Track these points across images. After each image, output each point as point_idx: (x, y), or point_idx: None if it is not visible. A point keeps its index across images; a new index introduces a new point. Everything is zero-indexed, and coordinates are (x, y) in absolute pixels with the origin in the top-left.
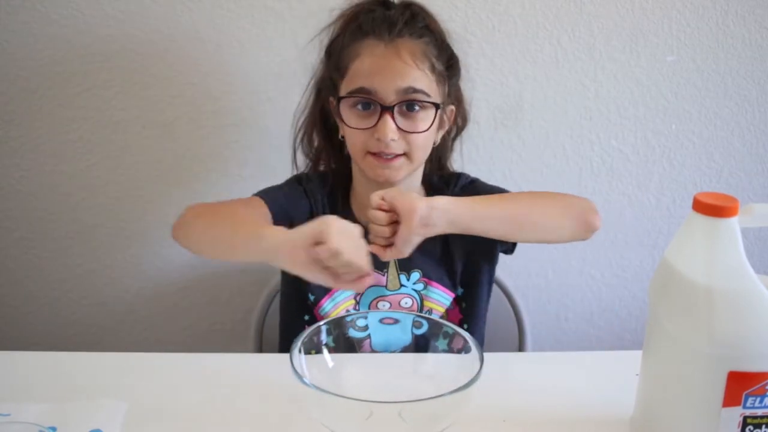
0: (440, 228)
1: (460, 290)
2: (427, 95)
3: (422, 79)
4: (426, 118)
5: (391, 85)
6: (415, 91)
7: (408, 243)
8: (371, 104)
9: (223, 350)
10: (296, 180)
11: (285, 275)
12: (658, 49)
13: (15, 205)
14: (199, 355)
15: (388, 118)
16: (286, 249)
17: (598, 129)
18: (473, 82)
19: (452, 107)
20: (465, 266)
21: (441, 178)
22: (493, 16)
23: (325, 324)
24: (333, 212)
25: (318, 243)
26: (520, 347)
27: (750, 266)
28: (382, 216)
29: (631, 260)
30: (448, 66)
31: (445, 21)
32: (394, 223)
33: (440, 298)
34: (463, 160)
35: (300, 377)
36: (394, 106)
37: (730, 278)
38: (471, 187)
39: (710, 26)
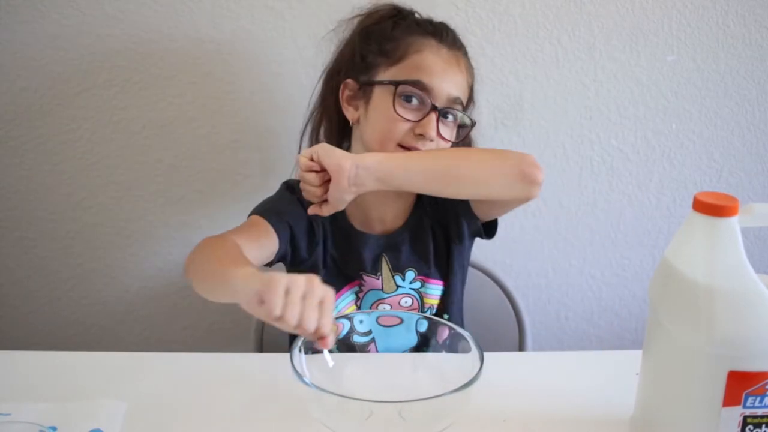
0: (370, 186)
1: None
2: (464, 110)
3: (465, 96)
4: (454, 131)
5: (446, 90)
6: (460, 103)
7: (341, 200)
8: (421, 100)
9: (223, 350)
10: (287, 188)
11: None
12: (658, 49)
13: (15, 205)
14: (199, 355)
15: (434, 117)
16: (243, 300)
17: (598, 128)
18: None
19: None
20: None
21: None
22: (493, 16)
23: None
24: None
25: (261, 301)
26: (520, 347)
27: (750, 266)
28: (313, 178)
29: (631, 260)
30: (471, 93)
31: (445, 21)
32: (326, 182)
33: (435, 291)
34: None
35: (300, 377)
36: (442, 109)
37: (730, 278)
38: None
39: (710, 26)
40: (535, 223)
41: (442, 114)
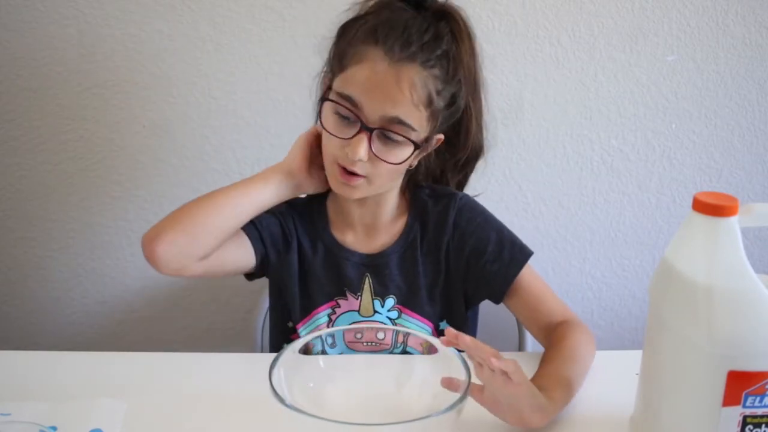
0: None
1: (444, 324)
2: (412, 130)
3: (412, 114)
4: (402, 152)
5: (379, 109)
6: (400, 122)
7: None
8: (354, 117)
9: (223, 350)
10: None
11: (273, 297)
12: (658, 49)
13: (15, 205)
14: (199, 355)
15: (364, 138)
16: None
17: (598, 128)
18: None
19: (440, 136)
20: (449, 303)
21: (432, 196)
22: (493, 16)
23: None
24: (311, 226)
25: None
26: (520, 347)
27: (750, 266)
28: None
29: (631, 260)
30: (449, 103)
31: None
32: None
33: (417, 328)
34: None
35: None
36: (374, 129)
37: (730, 278)
38: (466, 208)
39: (710, 26)
40: (535, 224)
41: (383, 134)
